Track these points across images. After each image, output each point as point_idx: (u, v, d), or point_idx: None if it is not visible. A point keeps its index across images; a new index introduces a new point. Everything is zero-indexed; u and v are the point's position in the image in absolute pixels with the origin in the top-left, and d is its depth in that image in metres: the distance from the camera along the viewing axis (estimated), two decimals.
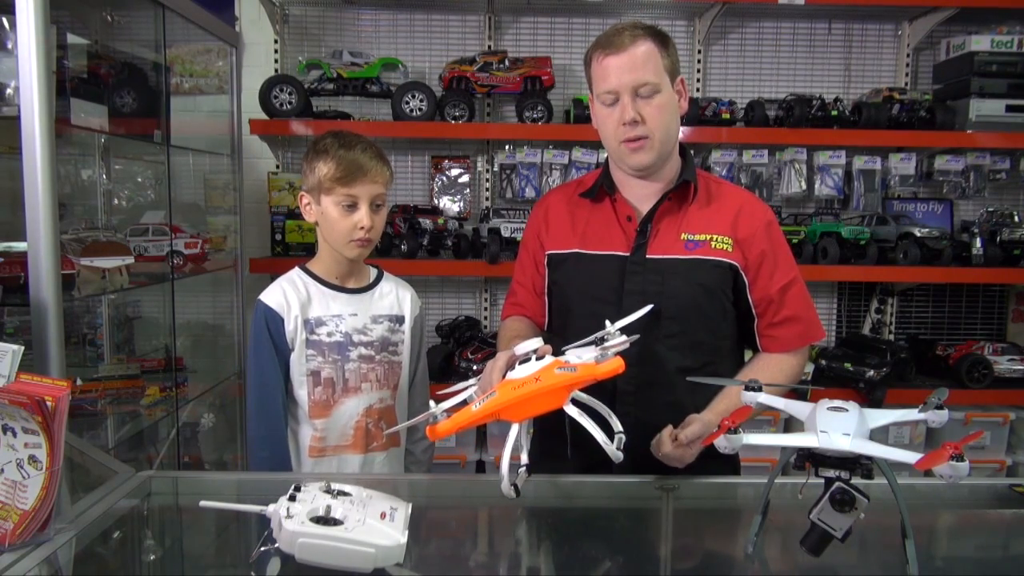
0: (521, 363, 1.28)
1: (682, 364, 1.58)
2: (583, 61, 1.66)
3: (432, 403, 1.27)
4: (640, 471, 1.47)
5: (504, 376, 1.30)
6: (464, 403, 1.31)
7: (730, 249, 1.61)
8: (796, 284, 1.65)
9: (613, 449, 1.23)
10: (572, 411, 1.22)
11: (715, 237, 1.61)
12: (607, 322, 1.35)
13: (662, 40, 1.58)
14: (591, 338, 1.36)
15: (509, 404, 1.19)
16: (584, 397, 1.27)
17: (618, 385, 1.56)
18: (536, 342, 1.31)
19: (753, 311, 1.66)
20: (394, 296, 1.85)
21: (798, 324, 1.65)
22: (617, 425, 1.28)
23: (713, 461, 1.42)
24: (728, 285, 1.63)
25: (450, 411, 1.27)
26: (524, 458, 1.26)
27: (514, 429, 1.24)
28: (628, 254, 1.62)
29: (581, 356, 1.27)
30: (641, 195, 1.67)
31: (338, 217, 1.69)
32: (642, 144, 1.57)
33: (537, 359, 1.26)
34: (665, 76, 1.57)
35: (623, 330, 1.34)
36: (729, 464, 1.68)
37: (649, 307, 1.46)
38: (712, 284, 1.61)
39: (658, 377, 1.59)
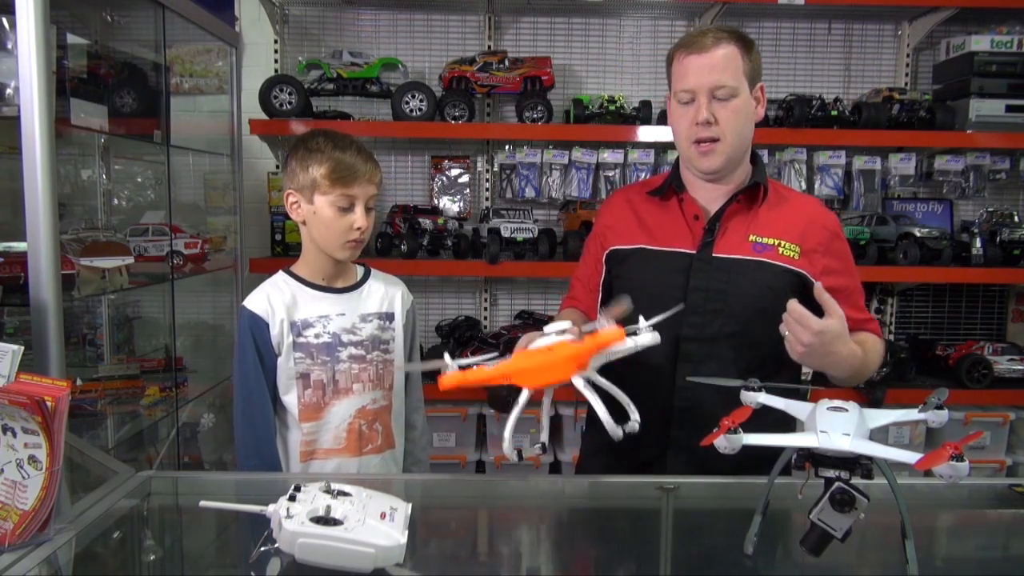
0: None
1: (740, 363, 1.56)
2: (666, 60, 1.67)
3: (447, 357, 1.26)
4: (691, 463, 1.51)
5: None
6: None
7: (797, 257, 1.60)
8: (845, 292, 1.58)
9: (612, 425, 1.24)
10: (579, 383, 1.25)
11: (783, 243, 1.60)
12: (640, 318, 1.34)
13: (745, 45, 1.58)
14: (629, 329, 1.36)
15: (519, 369, 1.24)
16: (604, 383, 1.28)
17: (676, 381, 1.58)
18: (566, 324, 1.32)
19: None
20: (383, 293, 1.82)
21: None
22: (635, 415, 1.29)
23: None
24: (794, 291, 1.58)
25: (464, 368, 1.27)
26: (544, 436, 1.33)
27: (524, 394, 1.27)
28: (694, 251, 1.62)
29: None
30: (710, 196, 1.66)
31: (333, 217, 1.67)
32: (712, 148, 1.57)
33: None
34: (744, 81, 1.57)
35: (657, 327, 1.34)
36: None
37: (680, 306, 1.40)
38: (778, 288, 1.58)
39: (715, 373, 1.56)
